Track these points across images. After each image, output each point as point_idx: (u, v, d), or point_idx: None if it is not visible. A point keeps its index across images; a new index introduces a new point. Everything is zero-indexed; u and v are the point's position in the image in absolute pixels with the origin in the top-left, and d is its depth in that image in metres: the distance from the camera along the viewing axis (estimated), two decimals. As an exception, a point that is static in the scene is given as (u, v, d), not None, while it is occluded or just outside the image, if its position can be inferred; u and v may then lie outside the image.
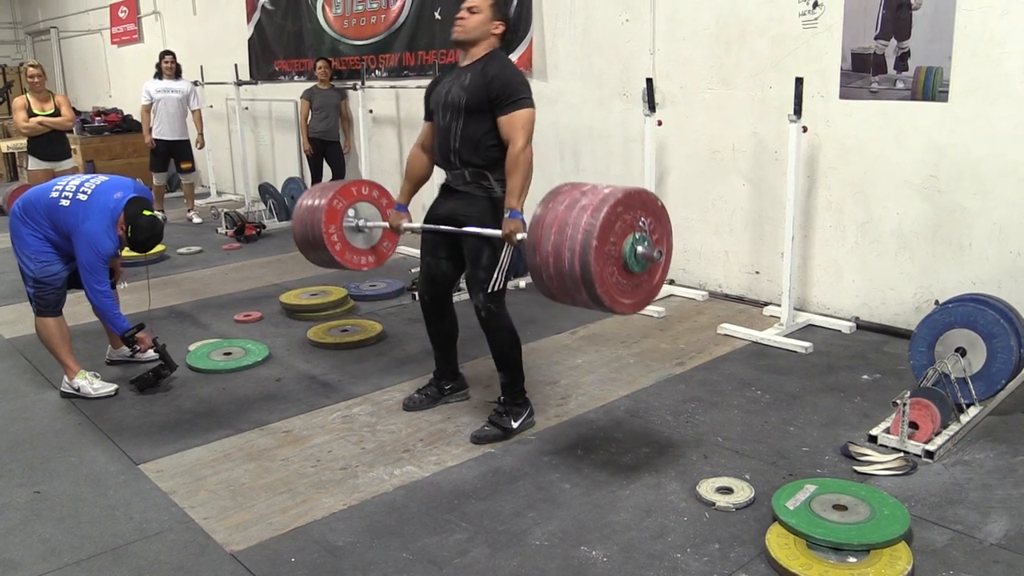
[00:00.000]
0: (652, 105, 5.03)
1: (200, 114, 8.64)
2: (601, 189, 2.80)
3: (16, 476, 3.25)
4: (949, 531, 2.69)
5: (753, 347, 4.45)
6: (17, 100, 7.09)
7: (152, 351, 4.06)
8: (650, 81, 5.03)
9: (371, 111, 7.49)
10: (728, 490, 2.94)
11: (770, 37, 4.83)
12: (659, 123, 5.10)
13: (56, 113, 7.06)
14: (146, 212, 3.85)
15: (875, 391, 3.82)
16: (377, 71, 7.63)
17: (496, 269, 3.27)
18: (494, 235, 3.21)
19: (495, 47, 3.29)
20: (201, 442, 3.49)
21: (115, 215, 3.81)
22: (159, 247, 6.11)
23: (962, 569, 2.49)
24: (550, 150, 6.19)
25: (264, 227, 7.83)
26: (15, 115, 7.07)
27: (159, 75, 8.43)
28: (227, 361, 4.38)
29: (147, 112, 8.43)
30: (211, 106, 9.72)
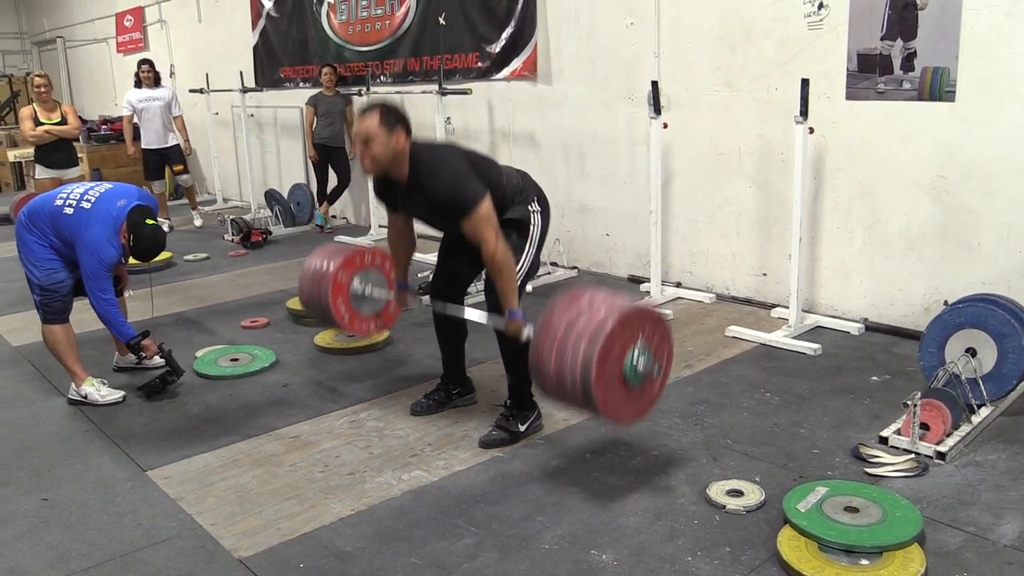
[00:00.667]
0: (657, 108, 5.02)
1: (183, 120, 8.72)
2: (597, 310, 2.74)
3: (24, 483, 3.25)
4: (962, 533, 2.67)
5: (761, 349, 4.43)
6: (24, 110, 7.13)
7: (158, 357, 4.06)
8: (655, 84, 5.02)
9: (376, 117, 7.48)
10: (738, 492, 2.92)
11: (775, 39, 4.81)
12: (664, 126, 5.09)
13: (63, 122, 7.09)
14: (149, 221, 3.85)
15: (885, 392, 3.79)
16: (382, 77, 7.64)
17: (519, 266, 3.28)
18: (497, 324, 3.24)
19: (408, 151, 3.18)
20: (209, 448, 3.48)
21: (118, 223, 3.81)
22: (165, 254, 6.12)
23: (976, 571, 2.47)
24: (555, 154, 6.18)
25: (270, 233, 7.84)
26: (22, 124, 7.11)
27: (138, 84, 8.49)
28: (234, 367, 4.38)
29: (129, 123, 8.53)
30: (216, 113, 9.74)
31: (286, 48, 8.91)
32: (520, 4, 6.20)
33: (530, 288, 5.50)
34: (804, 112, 4.30)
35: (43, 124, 6.99)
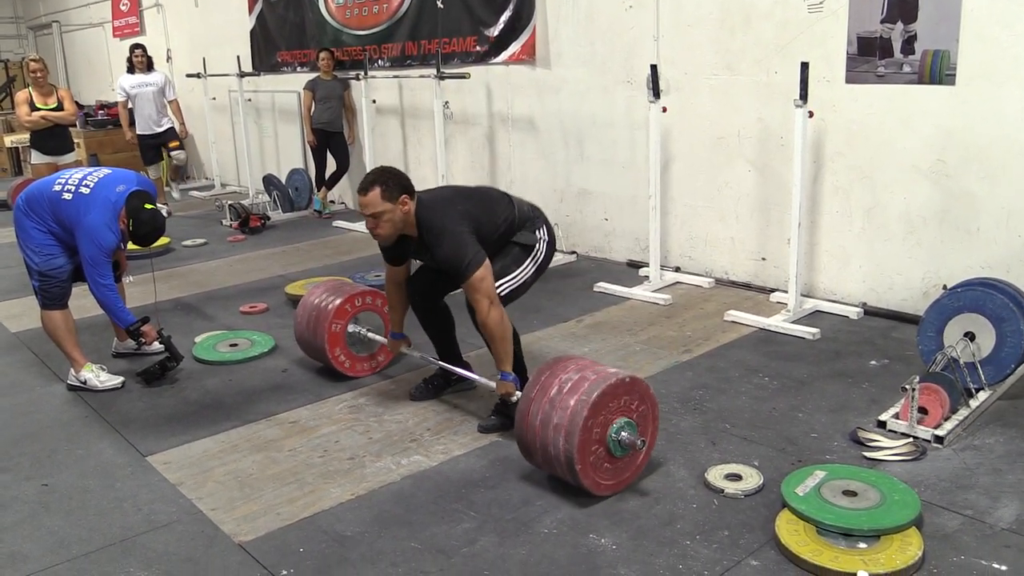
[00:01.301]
0: (656, 92, 5.00)
1: (177, 104, 8.71)
2: (581, 383, 2.80)
3: (24, 469, 3.26)
4: (960, 516, 2.68)
5: (760, 334, 4.43)
6: (20, 94, 7.08)
7: (158, 343, 4.06)
8: (654, 67, 5.00)
9: (374, 101, 7.44)
10: (737, 477, 2.93)
11: (775, 22, 4.79)
12: (664, 110, 5.07)
13: (59, 107, 7.05)
14: (148, 205, 3.84)
15: (883, 376, 3.80)
16: (380, 61, 7.60)
17: (513, 276, 3.36)
18: (490, 385, 3.35)
19: (413, 213, 3.24)
20: (208, 433, 3.49)
21: (117, 208, 3.80)
22: (163, 240, 6.10)
23: (973, 554, 2.48)
24: (554, 138, 6.16)
25: (268, 218, 7.83)
26: (18, 109, 7.07)
27: (131, 69, 8.45)
28: (233, 352, 4.38)
29: (125, 108, 8.51)
30: (214, 98, 9.70)
31: (283, 32, 8.86)
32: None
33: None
34: (804, 96, 4.28)
35: (39, 109, 6.96)
